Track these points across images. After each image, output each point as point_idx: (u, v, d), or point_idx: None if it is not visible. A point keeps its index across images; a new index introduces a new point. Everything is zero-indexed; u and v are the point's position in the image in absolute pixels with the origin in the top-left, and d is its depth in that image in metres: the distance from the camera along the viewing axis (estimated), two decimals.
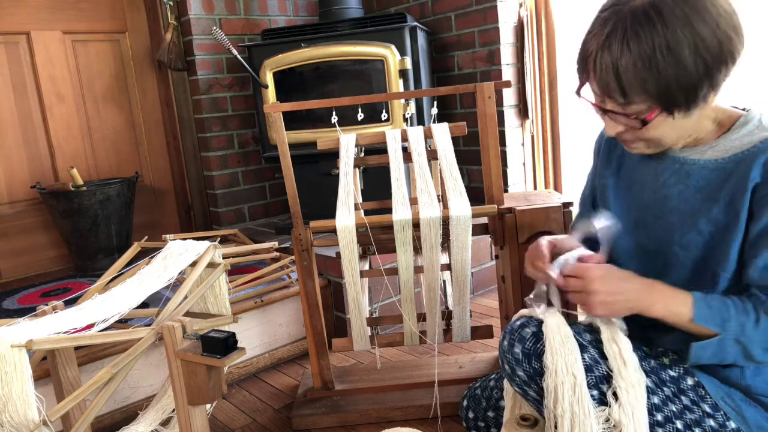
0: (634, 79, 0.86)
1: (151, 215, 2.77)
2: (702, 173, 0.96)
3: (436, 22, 2.68)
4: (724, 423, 0.96)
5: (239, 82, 2.74)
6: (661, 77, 0.85)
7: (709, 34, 0.84)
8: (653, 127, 0.91)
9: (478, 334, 1.52)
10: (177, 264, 1.38)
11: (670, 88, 0.85)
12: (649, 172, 1.04)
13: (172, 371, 1.15)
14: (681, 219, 0.98)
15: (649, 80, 0.85)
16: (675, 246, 0.98)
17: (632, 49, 0.85)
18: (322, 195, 2.32)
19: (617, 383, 0.94)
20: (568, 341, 0.95)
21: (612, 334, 0.98)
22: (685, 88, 0.86)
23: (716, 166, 0.95)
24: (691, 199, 0.97)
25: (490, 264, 2.41)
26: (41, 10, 2.43)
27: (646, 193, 1.04)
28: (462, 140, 2.65)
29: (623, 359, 0.95)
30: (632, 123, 0.92)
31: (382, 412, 1.52)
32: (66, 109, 2.51)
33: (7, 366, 1.09)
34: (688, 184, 0.98)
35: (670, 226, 1.00)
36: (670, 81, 0.85)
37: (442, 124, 1.51)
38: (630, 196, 1.08)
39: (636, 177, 1.07)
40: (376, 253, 1.46)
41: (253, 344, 1.89)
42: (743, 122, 0.95)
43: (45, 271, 2.49)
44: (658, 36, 0.84)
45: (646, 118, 0.89)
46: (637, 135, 0.94)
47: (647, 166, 1.05)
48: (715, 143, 0.96)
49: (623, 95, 0.88)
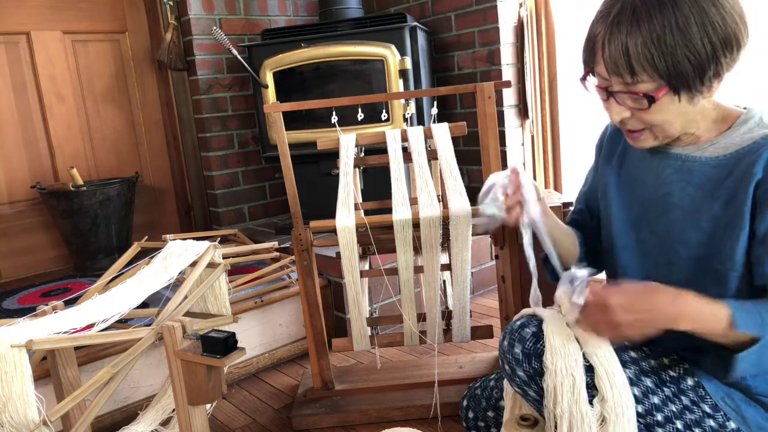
0: (643, 56, 0.86)
1: (151, 215, 2.77)
2: (703, 170, 0.96)
3: (436, 22, 2.68)
4: (724, 423, 0.96)
5: (239, 82, 2.74)
6: (670, 54, 0.86)
7: (717, 17, 0.86)
8: (659, 108, 0.91)
9: (478, 334, 1.52)
10: (177, 264, 1.38)
11: (678, 65, 0.86)
12: (651, 170, 1.04)
13: (172, 371, 1.15)
14: (682, 216, 0.98)
15: (658, 57, 0.86)
16: (676, 243, 0.98)
17: (642, 27, 0.86)
18: (322, 195, 2.32)
19: (585, 352, 0.94)
20: (569, 342, 0.95)
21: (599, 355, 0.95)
22: (693, 67, 0.86)
23: (717, 163, 0.95)
24: (692, 196, 0.97)
25: (490, 264, 2.41)
26: (41, 10, 2.43)
27: (648, 191, 1.04)
28: (462, 140, 2.65)
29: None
30: (639, 104, 0.91)
31: (382, 412, 1.52)
32: (66, 109, 2.51)
33: (7, 366, 1.09)
34: (689, 181, 0.98)
35: (671, 223, 1.00)
36: (679, 59, 0.86)
37: (442, 124, 1.51)
38: (632, 193, 1.08)
39: (638, 174, 1.07)
40: (376, 253, 1.46)
41: (253, 344, 1.89)
42: (744, 119, 0.95)
43: (45, 271, 2.49)
44: (669, 15, 0.85)
45: (655, 96, 0.89)
46: (643, 119, 0.93)
47: (649, 163, 1.04)
48: (716, 140, 0.96)
49: (631, 73, 0.88)
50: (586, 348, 0.95)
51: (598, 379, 0.93)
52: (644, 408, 0.96)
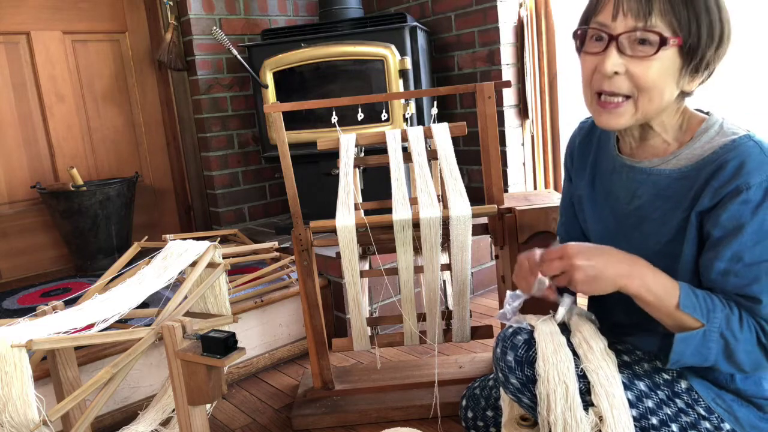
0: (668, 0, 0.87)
1: (151, 215, 2.77)
2: (668, 182, 0.97)
3: (436, 22, 2.68)
4: (720, 425, 0.96)
5: (239, 82, 2.74)
6: (693, 9, 0.87)
7: (724, 10, 0.91)
8: (661, 62, 0.88)
9: (478, 334, 1.52)
10: (177, 264, 1.38)
11: (697, 24, 0.88)
12: (621, 184, 1.05)
13: (172, 371, 1.15)
14: (655, 228, 0.99)
15: (682, 5, 0.87)
16: (652, 255, 0.97)
17: None
18: (322, 195, 2.32)
19: (585, 367, 0.94)
20: (561, 349, 0.95)
21: (577, 323, 0.99)
22: (708, 31, 0.88)
23: (681, 175, 0.95)
24: (662, 208, 0.98)
25: (490, 264, 2.41)
26: (41, 10, 2.43)
27: (621, 204, 1.05)
28: (462, 140, 2.65)
29: (588, 345, 0.96)
30: (644, 50, 0.88)
31: (382, 412, 1.52)
32: (66, 109, 2.51)
33: (7, 366, 1.09)
34: (656, 194, 0.98)
35: (645, 235, 1.00)
36: (701, 18, 0.88)
37: (442, 124, 1.51)
38: (605, 206, 1.09)
39: (610, 187, 1.07)
40: (376, 253, 1.46)
41: (253, 344, 1.89)
42: (705, 128, 0.95)
43: (45, 271, 2.49)
44: None
45: (668, 38, 0.87)
46: (637, 74, 0.90)
47: (619, 177, 1.05)
48: (679, 152, 0.96)
49: (649, 12, 0.87)
50: (587, 365, 0.95)
51: (596, 398, 0.94)
52: (639, 412, 0.96)
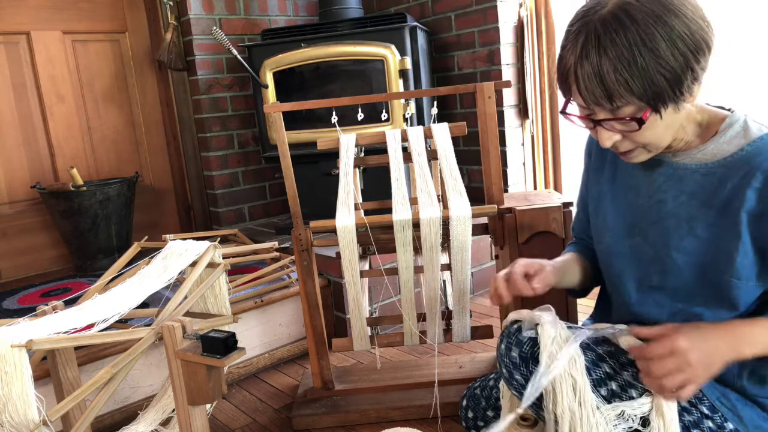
0: (618, 82, 0.85)
1: (151, 215, 2.77)
2: (694, 177, 0.96)
3: (436, 22, 2.68)
4: (723, 424, 0.96)
5: (239, 82, 2.74)
6: (643, 75, 0.85)
7: (683, 27, 0.84)
8: (649, 127, 0.90)
9: (478, 334, 1.52)
10: (177, 264, 1.38)
11: (654, 85, 0.85)
12: (644, 177, 1.04)
13: (172, 371, 1.15)
14: (677, 223, 0.98)
15: (632, 80, 0.85)
16: (673, 251, 0.98)
17: (610, 53, 0.84)
18: (322, 195, 2.32)
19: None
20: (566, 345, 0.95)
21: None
22: (669, 82, 0.85)
23: (707, 171, 0.95)
24: (686, 204, 0.97)
25: (490, 264, 2.41)
26: (41, 10, 2.43)
27: (642, 198, 1.04)
28: (462, 140, 2.65)
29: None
30: (628, 126, 0.90)
31: (382, 412, 1.52)
32: (66, 109, 2.51)
33: (7, 366, 1.09)
34: (681, 189, 0.98)
35: (666, 230, 1.00)
36: (654, 77, 0.85)
37: (442, 124, 1.51)
38: (625, 200, 1.08)
39: (631, 182, 1.07)
40: (376, 253, 1.46)
41: (253, 344, 1.89)
42: (729, 124, 0.95)
43: (45, 271, 2.49)
44: (633, 35, 0.84)
45: (642, 117, 0.88)
46: (635, 139, 0.93)
47: (641, 171, 1.05)
48: (704, 147, 0.96)
49: (610, 101, 0.87)
50: (657, 400, 0.94)
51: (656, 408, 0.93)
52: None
